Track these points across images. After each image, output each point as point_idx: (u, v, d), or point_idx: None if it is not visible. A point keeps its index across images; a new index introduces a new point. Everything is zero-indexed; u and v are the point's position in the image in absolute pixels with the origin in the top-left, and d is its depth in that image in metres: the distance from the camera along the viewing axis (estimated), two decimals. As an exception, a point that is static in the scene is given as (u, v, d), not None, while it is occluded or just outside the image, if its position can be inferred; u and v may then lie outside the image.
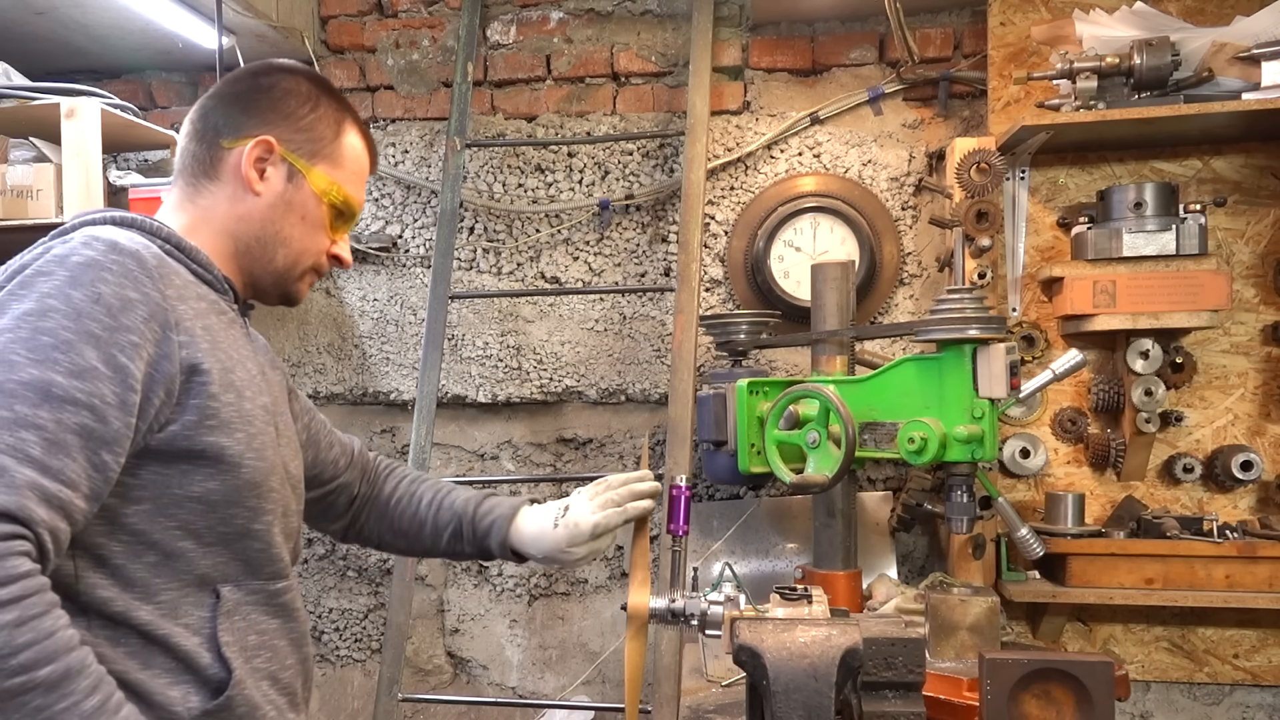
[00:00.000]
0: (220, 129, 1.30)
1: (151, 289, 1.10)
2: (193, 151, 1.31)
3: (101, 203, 2.40)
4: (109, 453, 1.04)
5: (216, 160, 1.29)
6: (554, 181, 2.87)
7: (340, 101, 1.37)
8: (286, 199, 1.30)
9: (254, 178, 1.28)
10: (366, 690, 2.98)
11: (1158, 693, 2.63)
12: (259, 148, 1.28)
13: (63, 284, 1.06)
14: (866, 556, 2.53)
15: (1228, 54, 2.31)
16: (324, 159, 1.32)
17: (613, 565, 2.91)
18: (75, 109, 2.34)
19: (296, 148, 1.30)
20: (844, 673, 1.21)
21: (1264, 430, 2.53)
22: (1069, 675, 1.45)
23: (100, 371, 1.04)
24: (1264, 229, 2.52)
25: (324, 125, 1.33)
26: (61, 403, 1.01)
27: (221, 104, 1.32)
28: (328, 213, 1.33)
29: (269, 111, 1.30)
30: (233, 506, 1.16)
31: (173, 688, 1.12)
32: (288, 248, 1.31)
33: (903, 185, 2.73)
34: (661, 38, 2.86)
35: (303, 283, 1.36)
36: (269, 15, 2.66)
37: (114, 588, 1.10)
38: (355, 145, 1.36)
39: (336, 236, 1.36)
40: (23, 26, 2.68)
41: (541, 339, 2.88)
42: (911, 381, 1.97)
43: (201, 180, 1.30)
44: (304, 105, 1.32)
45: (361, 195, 1.39)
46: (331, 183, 1.32)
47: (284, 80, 1.33)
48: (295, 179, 1.30)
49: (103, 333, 1.05)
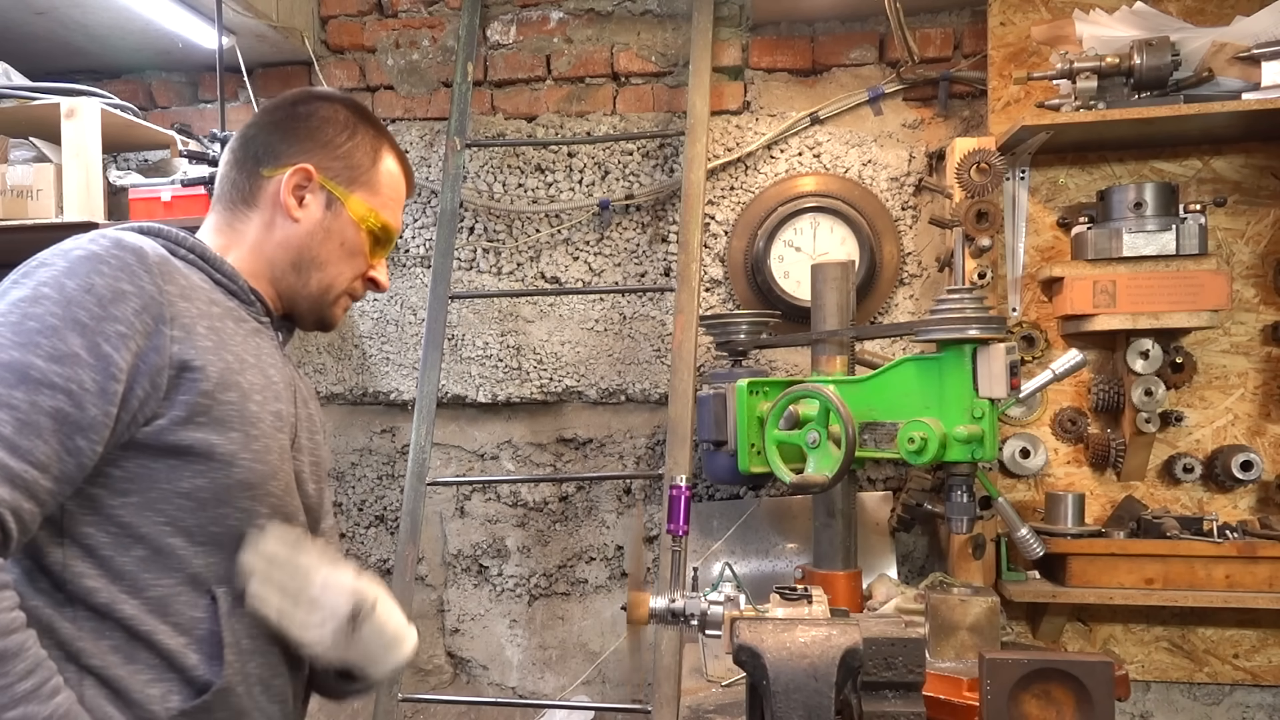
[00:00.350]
0: (260, 157, 1.32)
1: (148, 283, 1.11)
2: (232, 179, 1.33)
3: (102, 203, 2.40)
4: (84, 439, 1.05)
5: (256, 188, 1.31)
6: (554, 181, 2.87)
7: (377, 128, 1.38)
8: (325, 226, 1.32)
9: (293, 205, 1.30)
10: (366, 690, 2.98)
11: (1158, 693, 2.63)
12: (298, 175, 1.30)
13: (60, 274, 1.08)
14: (866, 556, 2.53)
15: (1228, 54, 2.31)
16: (362, 186, 1.34)
17: (613, 565, 2.91)
18: (75, 109, 2.34)
19: (335, 175, 1.32)
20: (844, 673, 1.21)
21: (1264, 430, 2.53)
22: (1069, 675, 1.45)
23: (81, 358, 1.05)
24: (1264, 229, 2.52)
25: (361, 153, 1.35)
26: (38, 385, 1.02)
27: (261, 133, 1.34)
28: (366, 238, 1.35)
29: (307, 140, 1.32)
30: (223, 506, 1.16)
31: (153, 685, 1.12)
32: (323, 272, 1.33)
33: (903, 185, 2.74)
34: (661, 38, 2.86)
35: (337, 307, 1.38)
36: (269, 15, 2.66)
37: (101, 578, 1.10)
38: (392, 171, 1.38)
39: (374, 261, 1.38)
40: (23, 26, 2.68)
41: (541, 339, 2.88)
42: (911, 381, 1.97)
43: (240, 207, 1.32)
44: (342, 133, 1.34)
45: (399, 220, 1.40)
46: (370, 209, 1.34)
47: (322, 109, 1.35)
48: (334, 206, 1.32)
49: (90, 321, 1.06)
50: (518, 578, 2.96)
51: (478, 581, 2.98)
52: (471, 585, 2.99)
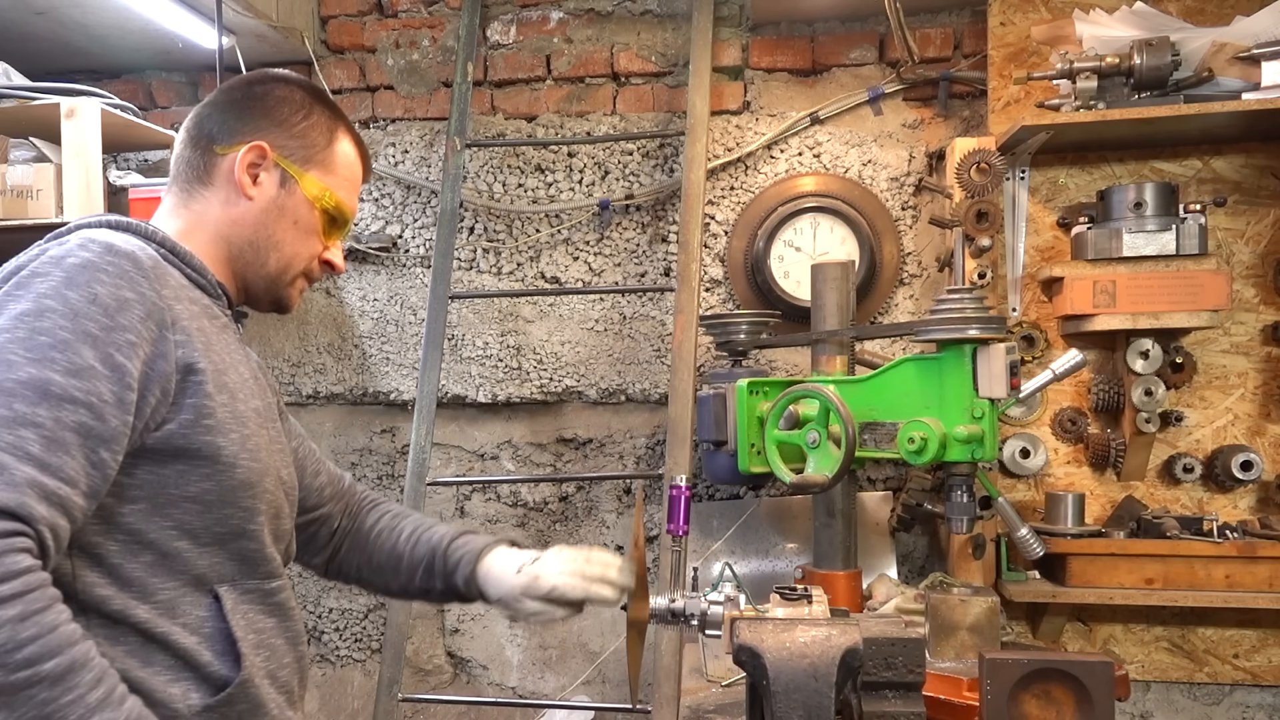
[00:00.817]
0: (214, 135, 1.31)
1: (148, 289, 1.11)
2: (187, 158, 1.33)
3: (102, 203, 2.40)
4: (107, 450, 1.05)
5: (210, 166, 1.31)
6: (554, 181, 2.87)
7: (333, 109, 1.38)
8: (279, 204, 1.31)
9: (247, 182, 1.30)
10: (366, 690, 2.98)
11: (1158, 693, 2.63)
12: (252, 153, 1.30)
13: (59, 285, 1.07)
14: (866, 556, 2.53)
15: (1228, 54, 2.31)
16: (317, 165, 1.34)
17: (613, 565, 2.91)
18: (75, 109, 2.34)
19: (289, 154, 1.32)
20: (844, 673, 1.21)
21: (1264, 430, 2.53)
22: (1069, 675, 1.45)
23: (97, 370, 1.05)
24: (1264, 229, 2.52)
25: (317, 132, 1.34)
26: (60, 401, 1.02)
27: (216, 111, 1.33)
28: (320, 218, 1.34)
29: (262, 118, 1.32)
30: (227, 506, 1.17)
31: (173, 685, 1.13)
32: (279, 252, 1.33)
33: (903, 185, 2.73)
34: (661, 38, 2.86)
35: (294, 288, 1.37)
36: (269, 15, 2.66)
37: (111, 586, 1.11)
38: (348, 152, 1.38)
39: (329, 242, 1.37)
40: (23, 26, 2.68)
41: (541, 339, 2.88)
42: (911, 381, 1.97)
43: (195, 186, 1.32)
44: (297, 113, 1.33)
45: (354, 202, 1.40)
46: (324, 189, 1.34)
47: (278, 88, 1.35)
48: (288, 184, 1.32)
49: (99, 332, 1.06)
50: (518, 578, 2.95)
51: (478, 581, 2.98)
52: (471, 585, 2.98)
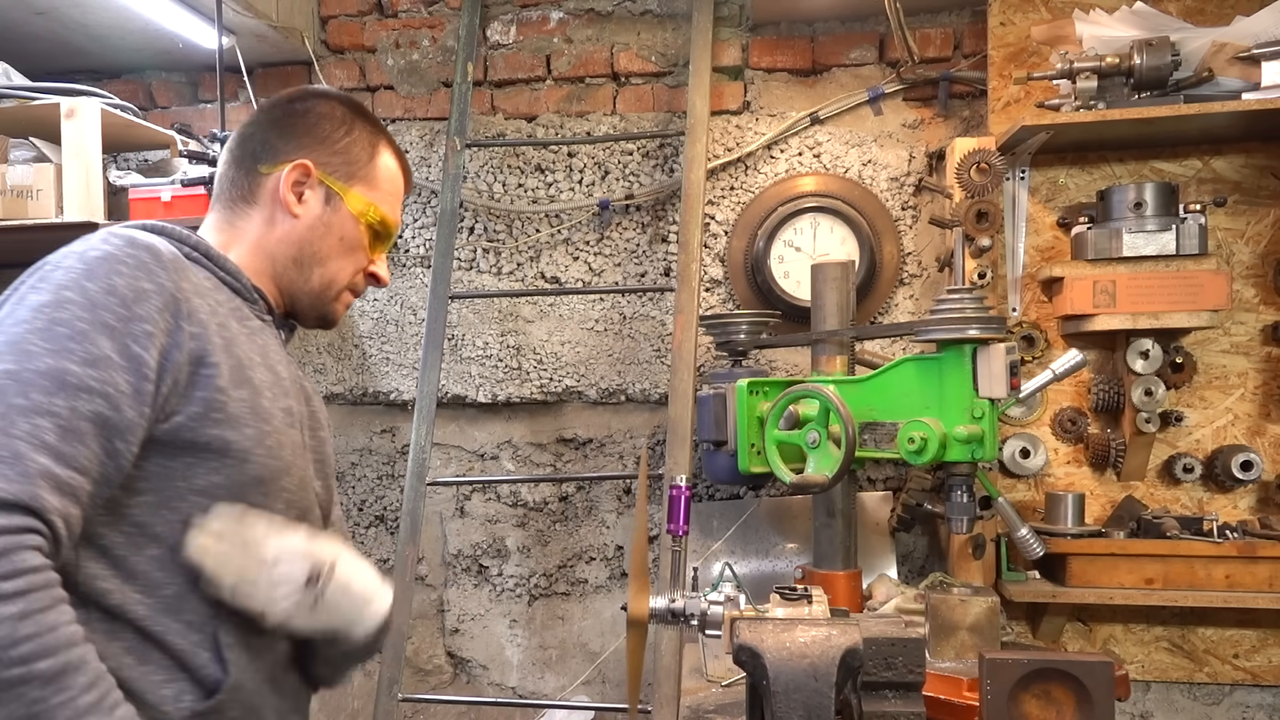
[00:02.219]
0: (258, 155, 1.33)
1: (166, 279, 1.12)
2: (231, 177, 1.34)
3: (102, 203, 2.40)
4: (122, 441, 1.05)
5: (254, 185, 1.32)
6: (554, 181, 2.87)
7: (374, 124, 1.40)
8: (325, 221, 1.33)
9: (292, 201, 1.31)
10: (366, 690, 2.98)
11: (1158, 693, 2.63)
12: (296, 171, 1.31)
13: (79, 276, 1.09)
14: (866, 556, 2.53)
15: (1228, 54, 2.31)
16: (360, 180, 1.35)
17: (613, 565, 2.91)
18: (75, 109, 2.34)
19: (333, 170, 1.33)
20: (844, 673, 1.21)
21: (1264, 430, 2.53)
22: (1069, 675, 1.45)
23: (114, 361, 1.05)
24: (1264, 229, 2.52)
25: (359, 148, 1.36)
26: (76, 391, 1.02)
27: (259, 130, 1.35)
28: (365, 233, 1.36)
29: (305, 136, 1.33)
30: (237, 502, 1.16)
31: (166, 686, 1.12)
32: (324, 268, 1.34)
33: (903, 185, 2.73)
34: (661, 38, 2.86)
35: (339, 303, 1.39)
36: (269, 15, 2.66)
37: (114, 579, 1.10)
38: (390, 166, 1.39)
39: (374, 256, 1.39)
40: (23, 26, 2.68)
41: (541, 339, 2.88)
42: (911, 381, 1.97)
43: (239, 205, 1.33)
44: (339, 129, 1.35)
45: (398, 215, 1.41)
46: (368, 204, 1.35)
47: (319, 105, 1.36)
48: (333, 201, 1.33)
49: (117, 323, 1.07)
50: (518, 578, 2.96)
51: (478, 581, 2.98)
52: (471, 585, 2.99)
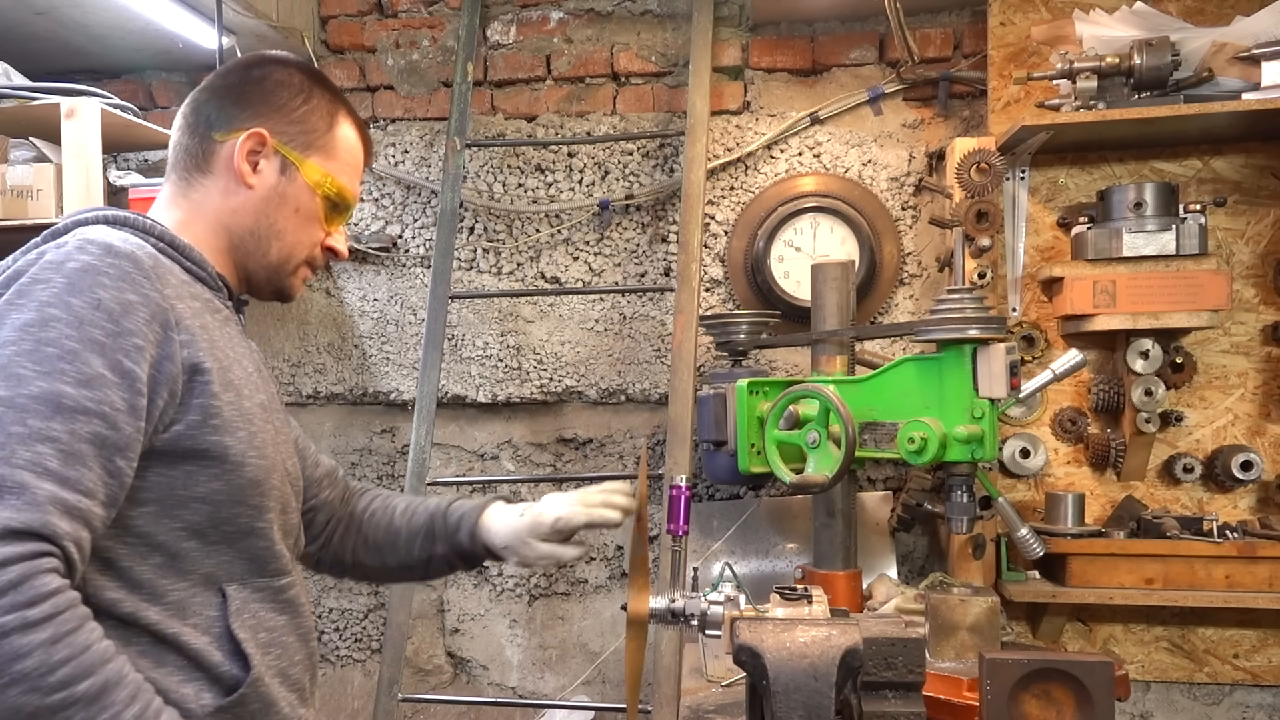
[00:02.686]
0: (212, 122, 1.29)
1: (150, 289, 1.10)
2: (185, 145, 1.31)
3: (102, 203, 2.40)
4: (122, 458, 1.05)
5: (209, 154, 1.29)
6: (554, 181, 2.87)
7: (333, 92, 1.36)
8: (280, 191, 1.29)
9: (247, 170, 1.28)
10: (366, 690, 2.98)
11: (1158, 693, 2.63)
12: (251, 140, 1.27)
13: (61, 291, 1.06)
14: (866, 556, 2.53)
15: (1228, 54, 2.31)
16: (317, 150, 1.32)
17: (613, 565, 2.91)
18: (75, 109, 2.34)
19: (289, 140, 1.30)
20: (844, 673, 1.21)
21: (1264, 430, 2.53)
22: (1069, 675, 1.45)
23: (107, 378, 1.04)
24: (1264, 229, 2.52)
25: (317, 117, 1.32)
26: (73, 413, 1.01)
27: (214, 97, 1.31)
28: (322, 205, 1.32)
29: (261, 104, 1.29)
30: (236, 505, 1.16)
31: (185, 685, 1.12)
32: (281, 240, 1.31)
33: (903, 185, 2.73)
34: (661, 38, 2.86)
35: (296, 277, 1.36)
36: (269, 15, 2.66)
37: (121, 589, 1.10)
38: (349, 136, 1.36)
39: (331, 228, 1.35)
40: (23, 26, 2.68)
41: (541, 339, 2.88)
42: (911, 381, 1.97)
43: (194, 174, 1.30)
44: (296, 97, 1.31)
45: (356, 187, 1.38)
46: (325, 174, 1.32)
47: (276, 72, 1.32)
48: (288, 171, 1.30)
49: (106, 339, 1.05)
50: (518, 578, 2.96)
51: (478, 581, 2.98)
52: (471, 585, 2.98)
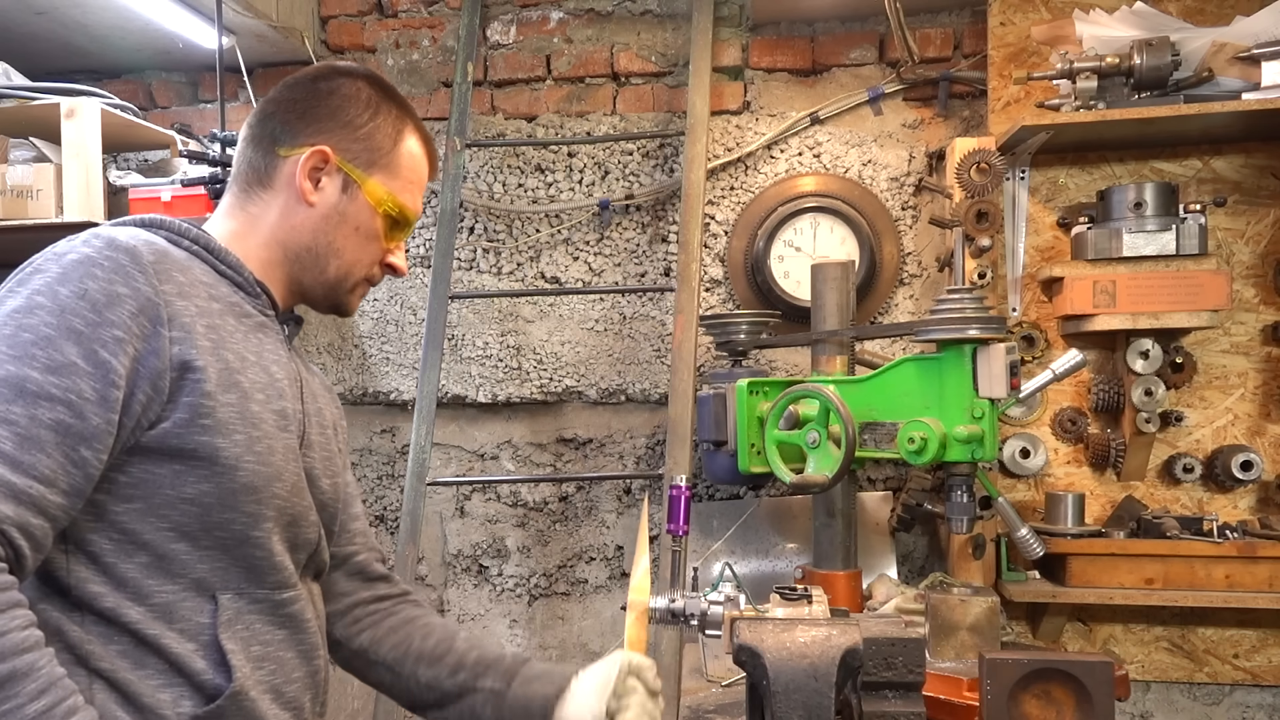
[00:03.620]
0: (278, 136, 1.28)
1: (144, 284, 1.08)
2: (249, 158, 1.29)
3: (102, 203, 2.40)
4: (88, 449, 1.03)
5: (272, 168, 1.28)
6: (554, 181, 2.87)
7: (401, 106, 1.33)
8: (341, 210, 1.28)
9: (308, 188, 1.26)
10: (366, 691, 2.98)
11: (1158, 693, 2.63)
12: (315, 157, 1.26)
13: (53, 280, 1.06)
14: (866, 556, 2.53)
15: (1228, 54, 2.31)
16: (381, 169, 1.29)
17: (613, 565, 2.91)
18: (75, 109, 2.34)
19: (353, 157, 1.28)
20: (844, 673, 1.21)
21: (1264, 430, 2.53)
22: (1069, 675, 1.45)
23: (79, 367, 1.03)
24: (1264, 229, 2.52)
25: (382, 134, 1.30)
26: (36, 398, 1.00)
27: (280, 110, 1.30)
28: (383, 223, 1.30)
29: (327, 119, 1.28)
30: (228, 510, 1.13)
31: (163, 691, 1.10)
32: (340, 258, 1.29)
33: (903, 185, 2.73)
34: (661, 38, 2.86)
35: (354, 294, 1.34)
36: (269, 15, 2.66)
37: (104, 585, 1.09)
38: (414, 152, 1.33)
39: (391, 245, 1.33)
40: (23, 26, 2.68)
41: (541, 339, 2.88)
42: (911, 381, 1.97)
43: (255, 188, 1.28)
44: (363, 112, 1.29)
45: (418, 203, 1.36)
46: (388, 193, 1.29)
47: (344, 85, 1.30)
48: (350, 189, 1.28)
49: (85, 328, 1.04)
50: (518, 578, 2.96)
51: (478, 581, 2.98)
52: (471, 585, 2.99)
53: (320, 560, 1.32)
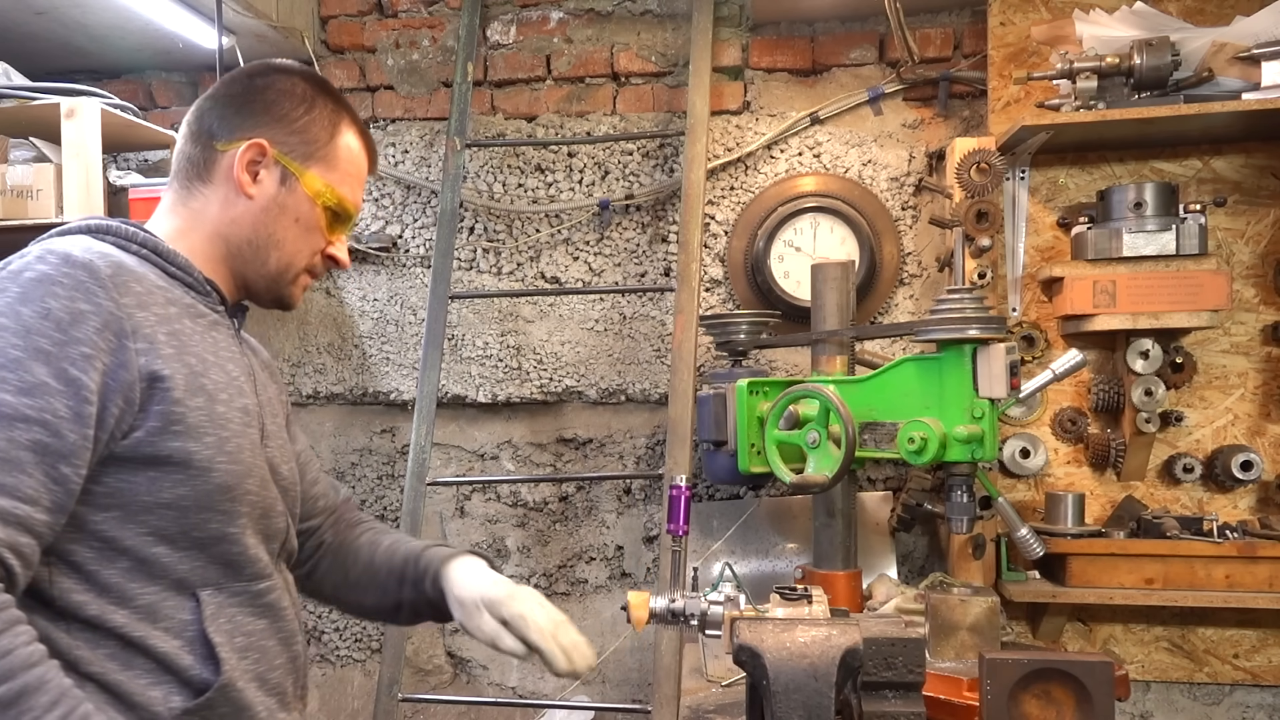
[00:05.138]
0: (214, 131, 1.30)
1: (105, 299, 1.09)
2: (187, 154, 1.31)
3: (102, 203, 2.40)
4: (67, 465, 1.04)
5: (210, 163, 1.29)
6: (554, 181, 2.87)
7: (337, 101, 1.36)
8: (279, 202, 1.29)
9: (246, 181, 1.28)
10: (366, 690, 2.98)
11: (1158, 693, 2.63)
12: (251, 150, 1.28)
13: (13, 301, 1.07)
14: (866, 556, 2.53)
15: (1228, 54, 2.31)
16: (318, 161, 1.31)
17: (613, 565, 2.91)
18: (75, 109, 2.34)
19: (290, 150, 1.30)
20: (844, 673, 1.21)
21: (1264, 430, 2.53)
22: (1069, 675, 1.45)
23: (51, 386, 1.04)
24: (1264, 229, 2.52)
25: (318, 127, 1.32)
26: (11, 421, 1.01)
27: (217, 105, 1.32)
28: (322, 215, 1.32)
29: (263, 114, 1.30)
30: (205, 511, 1.16)
31: (153, 688, 1.12)
32: (280, 250, 1.31)
33: (903, 185, 2.73)
34: (661, 38, 2.86)
35: (296, 286, 1.36)
36: (269, 15, 2.66)
37: (87, 592, 1.11)
38: (352, 146, 1.35)
39: (333, 238, 1.35)
40: (23, 26, 2.68)
41: (541, 339, 2.88)
42: (911, 381, 1.97)
43: (195, 183, 1.30)
44: (299, 106, 1.31)
45: (358, 197, 1.38)
46: (326, 185, 1.32)
47: (279, 81, 1.32)
48: (288, 182, 1.30)
49: (52, 348, 1.05)
50: (518, 578, 2.96)
51: (478, 581, 2.98)
52: (471, 585, 2.98)
53: (290, 546, 1.36)
